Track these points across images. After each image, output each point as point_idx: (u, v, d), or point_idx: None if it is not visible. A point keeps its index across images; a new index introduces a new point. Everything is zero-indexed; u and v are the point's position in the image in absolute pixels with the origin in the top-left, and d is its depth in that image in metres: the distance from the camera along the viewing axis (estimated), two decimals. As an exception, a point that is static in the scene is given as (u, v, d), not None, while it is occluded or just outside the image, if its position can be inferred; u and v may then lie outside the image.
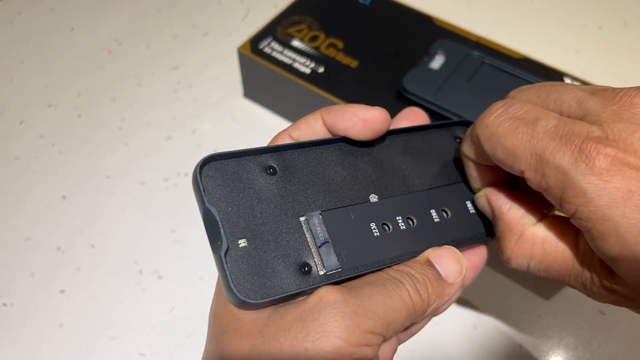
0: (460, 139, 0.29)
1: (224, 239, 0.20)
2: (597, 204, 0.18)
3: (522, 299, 0.39)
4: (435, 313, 0.23)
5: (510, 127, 0.21)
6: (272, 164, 0.23)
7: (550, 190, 0.20)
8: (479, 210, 0.26)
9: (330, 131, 0.25)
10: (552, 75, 0.44)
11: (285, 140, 0.25)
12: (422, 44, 0.46)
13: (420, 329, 0.25)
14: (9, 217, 0.43)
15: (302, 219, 0.22)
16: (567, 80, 0.44)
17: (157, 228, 0.43)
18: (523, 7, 0.61)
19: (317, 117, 0.25)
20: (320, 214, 0.23)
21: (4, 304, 0.39)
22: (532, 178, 0.20)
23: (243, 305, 0.20)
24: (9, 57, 0.54)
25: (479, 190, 0.26)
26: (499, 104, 0.22)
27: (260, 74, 0.47)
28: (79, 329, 0.38)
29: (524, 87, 0.24)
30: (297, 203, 0.23)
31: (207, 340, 0.22)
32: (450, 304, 0.24)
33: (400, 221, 0.24)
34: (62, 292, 0.39)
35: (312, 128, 0.25)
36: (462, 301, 0.40)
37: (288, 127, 0.25)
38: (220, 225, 0.20)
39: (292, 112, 0.48)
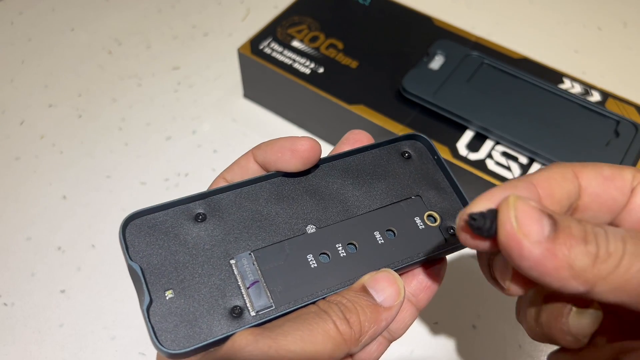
0: (409, 153, 0.27)
1: (146, 294, 0.21)
2: None
3: (522, 299, 0.39)
4: (373, 339, 0.22)
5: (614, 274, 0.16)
6: (200, 211, 0.23)
7: None
8: (429, 225, 0.25)
9: (263, 168, 0.25)
10: (552, 75, 0.44)
11: (220, 184, 0.25)
12: (422, 44, 0.46)
13: (381, 353, 0.24)
14: (9, 217, 0.43)
15: (232, 261, 0.22)
16: (567, 81, 0.44)
17: (157, 228, 0.43)
18: (522, 7, 0.61)
19: (248, 156, 0.25)
20: (250, 253, 0.23)
21: (4, 304, 0.39)
22: (616, 300, 0.16)
23: (171, 356, 0.20)
24: (10, 57, 0.54)
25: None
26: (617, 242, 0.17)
27: (260, 74, 0.47)
28: (79, 329, 0.38)
29: None
30: (229, 246, 0.23)
31: None
32: (407, 328, 0.23)
33: (340, 248, 0.24)
34: (62, 292, 0.39)
35: (244, 168, 0.25)
36: (462, 301, 0.40)
37: (223, 171, 0.25)
38: (143, 281, 0.21)
39: (292, 113, 0.49)
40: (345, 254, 0.24)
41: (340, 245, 0.24)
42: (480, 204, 0.17)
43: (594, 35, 0.58)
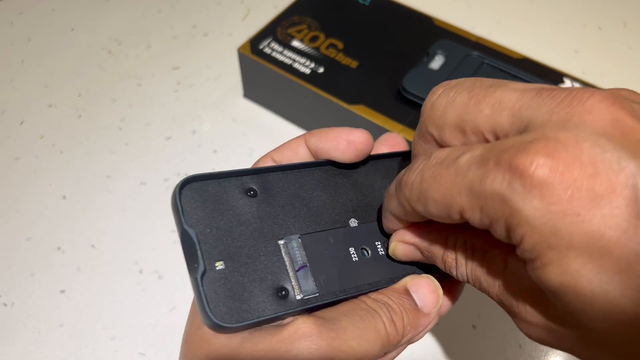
0: None
1: (200, 262, 0.20)
2: (541, 231, 0.15)
3: (522, 299, 0.39)
4: (408, 343, 0.23)
5: (431, 179, 0.18)
6: (253, 186, 0.23)
7: (495, 227, 0.17)
8: None
9: (313, 154, 0.25)
10: (552, 75, 0.44)
11: (268, 163, 0.24)
12: (422, 44, 0.46)
13: (395, 357, 0.25)
14: (9, 217, 0.43)
15: (280, 242, 0.22)
16: (567, 81, 0.44)
17: (157, 228, 0.43)
18: (523, 7, 0.61)
19: (300, 140, 0.25)
20: (299, 237, 0.22)
21: (4, 304, 0.39)
22: (474, 219, 0.17)
23: (218, 328, 0.20)
24: (10, 57, 0.54)
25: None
26: (419, 159, 0.20)
27: (260, 74, 0.47)
28: (79, 329, 0.38)
29: (454, 85, 0.20)
30: (277, 226, 0.22)
31: (178, 358, 0.22)
32: (425, 334, 0.23)
33: (379, 246, 0.24)
34: (62, 292, 0.39)
35: (294, 151, 0.25)
36: (462, 301, 0.40)
37: (271, 151, 0.25)
38: (198, 248, 0.20)
39: (292, 113, 0.49)
40: (383, 252, 0.24)
41: (379, 243, 0.24)
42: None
43: (594, 35, 0.58)
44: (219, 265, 0.20)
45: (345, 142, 0.24)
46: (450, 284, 0.25)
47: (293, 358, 0.19)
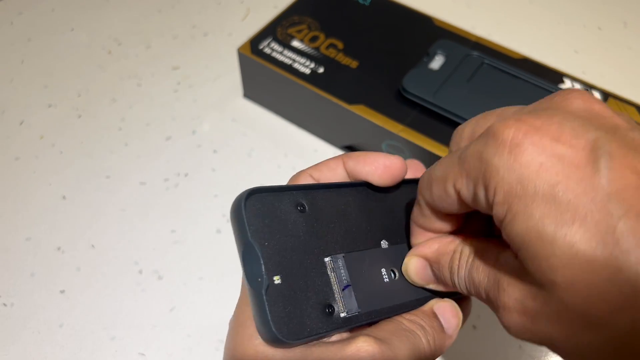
0: None
1: (264, 276, 0.20)
2: (509, 181, 0.17)
3: (522, 299, 0.39)
4: None
5: (438, 162, 0.22)
6: (303, 202, 0.23)
7: (477, 190, 0.19)
8: None
9: (350, 176, 0.25)
10: (552, 75, 0.44)
11: (307, 180, 0.25)
12: (422, 44, 0.46)
13: None
14: (9, 217, 0.43)
15: (327, 259, 0.22)
16: (567, 81, 0.44)
17: (157, 228, 0.43)
18: (523, 7, 0.61)
19: (338, 161, 0.25)
20: (343, 256, 0.23)
21: (4, 304, 0.39)
22: (462, 186, 0.20)
23: (277, 343, 0.20)
24: (9, 57, 0.54)
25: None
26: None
27: (260, 74, 0.47)
28: (79, 329, 0.38)
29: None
30: (322, 243, 0.23)
31: None
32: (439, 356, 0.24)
33: None
34: (62, 292, 0.39)
35: (333, 171, 0.25)
36: (462, 301, 0.40)
37: (309, 168, 0.25)
38: (262, 262, 0.20)
39: (292, 113, 0.49)
40: None
41: None
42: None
43: (594, 35, 0.58)
44: (277, 279, 0.20)
45: (382, 167, 0.25)
46: (462, 303, 0.26)
47: None
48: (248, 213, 0.21)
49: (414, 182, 0.27)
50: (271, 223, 0.21)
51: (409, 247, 0.25)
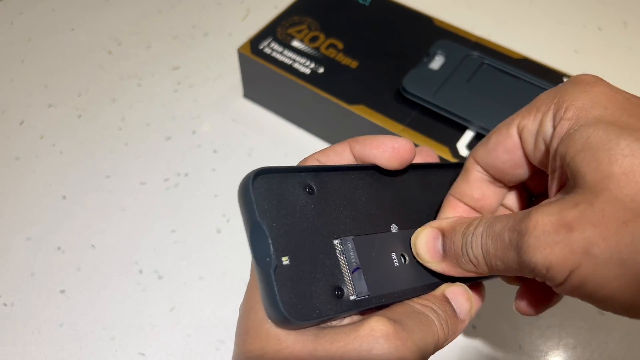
0: None
1: (273, 256, 0.20)
2: (582, 101, 0.20)
3: (522, 299, 0.39)
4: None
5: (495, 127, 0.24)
6: (311, 184, 0.23)
7: (545, 116, 0.21)
8: None
9: (357, 159, 0.25)
10: (552, 75, 0.44)
11: (314, 164, 0.25)
12: (422, 44, 0.46)
13: None
14: (9, 217, 0.43)
15: (336, 241, 0.22)
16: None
17: (157, 228, 0.43)
18: (523, 7, 0.61)
19: (345, 145, 0.25)
20: (353, 239, 0.23)
21: (4, 304, 0.39)
22: (528, 120, 0.22)
23: (285, 323, 0.19)
24: (10, 57, 0.54)
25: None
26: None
27: (260, 74, 0.47)
28: (79, 329, 0.38)
29: None
30: (331, 225, 0.22)
31: (237, 356, 0.22)
32: (455, 338, 0.24)
33: None
34: (62, 292, 0.39)
35: (340, 156, 0.25)
36: (462, 301, 0.40)
37: (315, 153, 0.25)
38: (270, 241, 0.20)
39: (292, 113, 0.49)
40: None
41: None
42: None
43: (594, 35, 0.58)
44: (285, 260, 0.20)
45: (390, 150, 0.24)
46: (476, 291, 0.26)
47: (374, 356, 0.19)
48: (256, 192, 0.20)
49: (426, 167, 0.27)
50: (279, 203, 0.21)
51: None
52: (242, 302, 0.22)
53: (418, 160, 0.27)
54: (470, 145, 0.40)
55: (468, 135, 0.41)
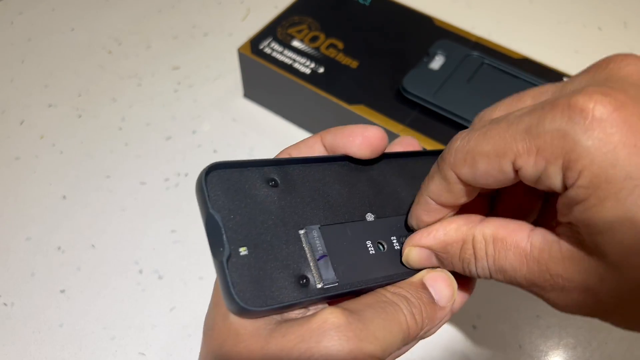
0: None
1: (226, 245, 0.20)
2: (600, 164, 0.16)
3: (522, 299, 0.39)
4: (424, 337, 0.23)
5: (481, 135, 0.19)
6: (274, 177, 0.23)
7: (549, 169, 0.17)
8: None
9: (329, 151, 0.25)
10: (552, 75, 0.44)
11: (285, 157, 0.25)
12: (422, 44, 0.46)
13: (406, 352, 0.25)
14: (9, 217, 0.43)
15: (301, 232, 0.22)
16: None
17: (157, 228, 0.43)
18: (523, 7, 0.61)
19: (316, 138, 0.25)
20: (319, 228, 0.23)
21: (4, 304, 0.39)
22: (528, 164, 0.18)
23: (242, 312, 0.20)
24: (10, 57, 0.54)
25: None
26: (461, 132, 0.21)
27: (260, 74, 0.47)
28: (79, 329, 0.38)
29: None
30: (297, 216, 0.23)
31: (202, 352, 0.22)
32: (439, 328, 0.24)
33: (394, 241, 0.25)
34: (62, 292, 0.39)
35: (311, 148, 0.25)
36: (462, 301, 0.40)
37: (288, 147, 0.25)
38: (223, 232, 0.20)
39: (292, 113, 0.49)
40: (399, 247, 0.25)
41: (394, 237, 0.25)
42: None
43: (594, 35, 0.58)
44: (243, 251, 0.21)
45: (360, 138, 0.24)
46: (463, 280, 0.25)
47: (323, 348, 0.19)
48: (210, 186, 0.21)
49: (400, 155, 0.27)
50: (237, 196, 0.22)
51: (407, 222, 0.25)
52: (210, 300, 0.23)
53: (399, 149, 0.27)
54: (470, 145, 0.40)
55: (468, 135, 0.41)
